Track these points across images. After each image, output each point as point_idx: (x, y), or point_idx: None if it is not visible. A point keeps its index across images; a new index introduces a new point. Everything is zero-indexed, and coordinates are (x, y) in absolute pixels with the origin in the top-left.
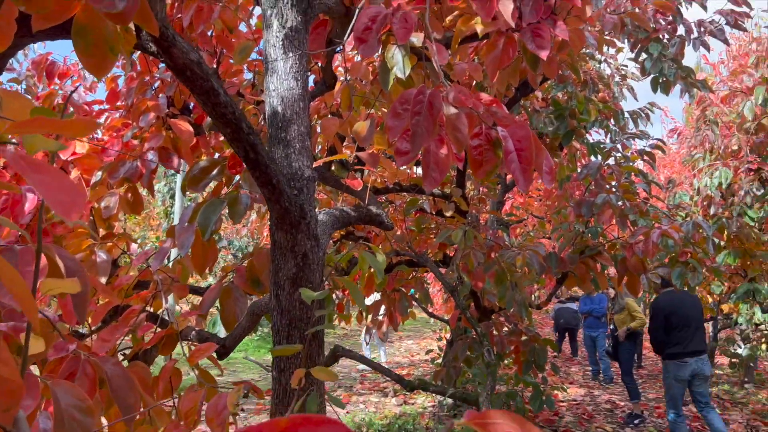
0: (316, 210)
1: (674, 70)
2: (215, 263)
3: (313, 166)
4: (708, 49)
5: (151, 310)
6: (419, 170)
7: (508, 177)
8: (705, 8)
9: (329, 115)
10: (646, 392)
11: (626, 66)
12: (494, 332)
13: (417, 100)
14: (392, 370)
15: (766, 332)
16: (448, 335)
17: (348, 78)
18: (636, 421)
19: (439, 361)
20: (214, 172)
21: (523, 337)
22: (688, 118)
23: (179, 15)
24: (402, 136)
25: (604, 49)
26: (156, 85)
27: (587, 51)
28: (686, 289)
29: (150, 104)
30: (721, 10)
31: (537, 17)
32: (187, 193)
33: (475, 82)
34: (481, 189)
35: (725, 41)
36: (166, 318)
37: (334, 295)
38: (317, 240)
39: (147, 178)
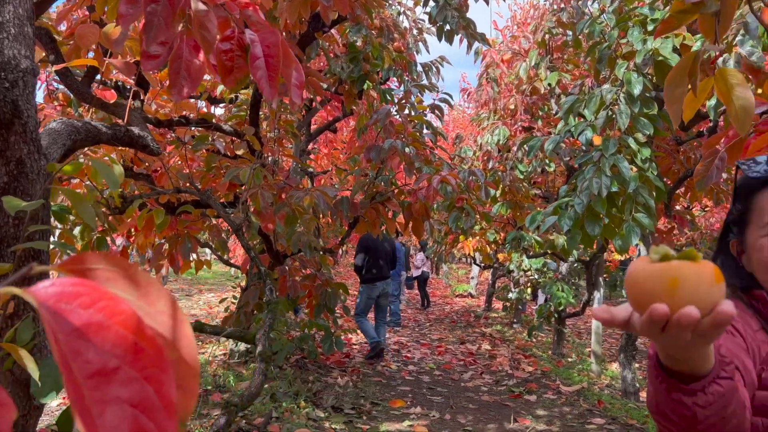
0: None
1: (457, 19)
2: None
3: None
4: (487, 2)
5: None
6: (216, 108)
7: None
8: None
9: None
10: (432, 333)
11: (423, 20)
12: (287, 276)
13: None
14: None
15: (531, 278)
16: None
17: None
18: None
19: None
20: None
21: (317, 282)
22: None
23: None
24: (151, 38)
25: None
26: None
27: None
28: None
29: None
30: None
31: None
32: None
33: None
34: (280, 130)
35: None
36: None
37: (118, 240)
38: (38, 146)
39: None
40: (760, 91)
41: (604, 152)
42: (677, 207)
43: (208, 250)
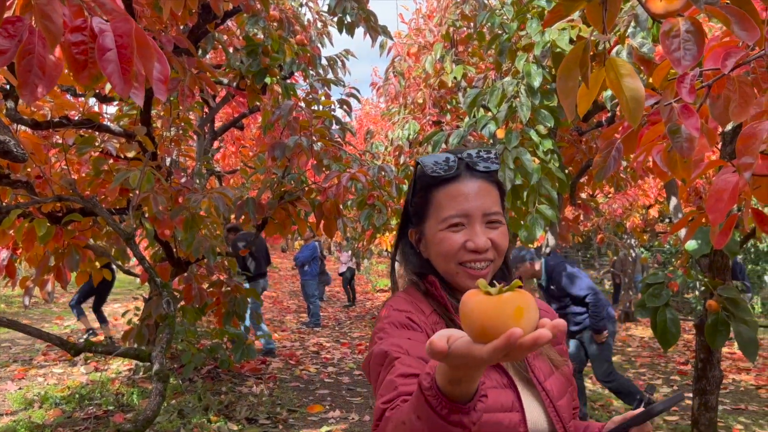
0: None
1: (357, 11)
2: None
3: None
4: None
5: None
6: (106, 106)
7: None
8: None
9: None
10: (352, 331)
11: (328, 8)
12: (192, 284)
13: None
14: (90, 335)
15: None
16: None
17: None
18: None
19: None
20: None
21: (224, 288)
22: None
23: None
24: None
25: None
26: None
27: None
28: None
29: None
30: None
31: None
32: None
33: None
34: (173, 130)
35: None
36: None
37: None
38: None
39: None
40: (650, 80)
41: (507, 145)
42: (582, 195)
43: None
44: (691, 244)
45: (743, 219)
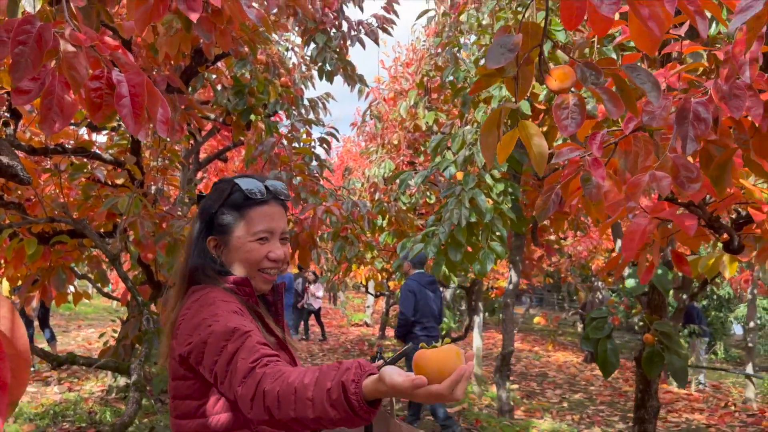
0: None
1: (335, 61)
2: None
3: None
4: (363, 46)
5: None
6: (95, 133)
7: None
8: (362, 9)
9: None
10: (324, 363)
11: (310, 57)
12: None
13: (23, 29)
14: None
15: None
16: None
17: None
18: None
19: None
20: None
21: None
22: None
23: None
24: (18, 78)
25: (290, 36)
26: None
27: (270, 35)
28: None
29: None
30: (376, 14)
31: None
32: None
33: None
34: (160, 160)
35: (376, 41)
36: None
37: None
38: None
39: None
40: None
41: (465, 186)
42: (552, 237)
43: (88, 283)
44: (630, 283)
45: (673, 259)
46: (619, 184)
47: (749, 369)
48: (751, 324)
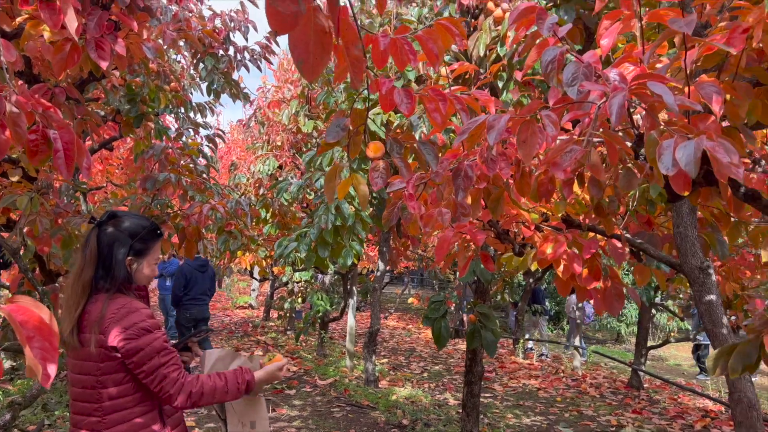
0: None
1: (222, 82)
2: None
3: None
4: (248, 70)
5: None
6: None
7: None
8: (246, 39)
9: None
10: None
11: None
12: (59, 294)
13: None
14: None
15: (302, 288)
16: None
17: None
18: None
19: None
20: None
21: None
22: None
23: None
24: None
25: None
26: None
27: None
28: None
29: None
30: (259, 42)
31: (100, 33)
32: None
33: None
34: None
35: (259, 68)
36: None
37: None
38: None
39: None
40: None
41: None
42: None
43: None
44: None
45: (482, 259)
46: (428, 208)
47: (577, 341)
48: (580, 304)
